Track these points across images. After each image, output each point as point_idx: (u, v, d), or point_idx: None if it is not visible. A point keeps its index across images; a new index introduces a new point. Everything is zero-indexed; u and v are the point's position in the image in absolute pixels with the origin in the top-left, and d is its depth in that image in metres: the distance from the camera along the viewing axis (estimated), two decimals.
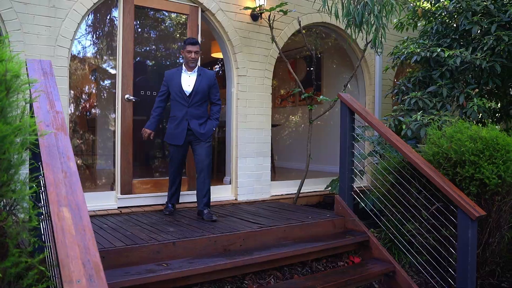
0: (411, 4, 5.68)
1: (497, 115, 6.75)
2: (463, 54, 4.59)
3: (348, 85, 7.30)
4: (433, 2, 5.45)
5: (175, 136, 4.42)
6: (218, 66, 9.73)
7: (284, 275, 3.84)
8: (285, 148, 9.11)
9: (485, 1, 4.78)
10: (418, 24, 5.97)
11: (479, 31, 4.90)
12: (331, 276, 3.82)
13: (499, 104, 6.58)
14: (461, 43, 5.08)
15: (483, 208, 3.88)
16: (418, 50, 4.92)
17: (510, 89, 6.71)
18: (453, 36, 5.14)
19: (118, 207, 4.75)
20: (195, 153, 4.45)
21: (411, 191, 4.23)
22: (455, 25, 5.18)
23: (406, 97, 4.93)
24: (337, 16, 4.67)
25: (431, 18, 5.63)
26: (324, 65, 8.36)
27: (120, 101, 4.81)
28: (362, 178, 5.01)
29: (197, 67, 4.46)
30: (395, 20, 6.07)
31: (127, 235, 3.60)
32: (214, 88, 4.49)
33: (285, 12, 5.32)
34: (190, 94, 4.37)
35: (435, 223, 4.07)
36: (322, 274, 3.89)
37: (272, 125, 8.14)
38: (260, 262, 3.58)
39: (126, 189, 4.84)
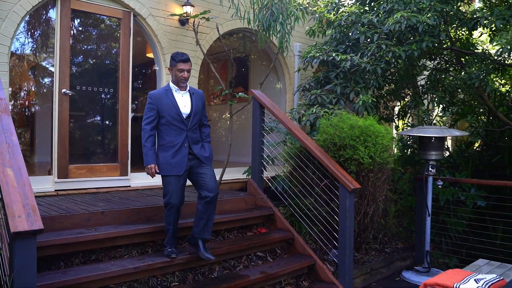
0: (317, 15, 6.60)
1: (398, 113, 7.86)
2: (353, 58, 5.55)
3: (280, 84, 8.16)
4: (334, 13, 6.40)
5: (174, 165, 3.83)
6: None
7: None
8: (217, 143, 9.84)
9: (370, 16, 5.78)
10: (328, 32, 6.90)
11: (368, 40, 5.88)
12: (237, 242, 4.62)
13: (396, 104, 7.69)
14: (353, 49, 6.06)
15: (361, 183, 4.81)
16: (318, 54, 5.85)
17: (407, 90, 7.86)
18: (348, 43, 6.13)
19: (55, 190, 5.30)
20: (200, 175, 3.91)
21: (307, 172, 5.11)
22: (350, 33, 6.15)
23: (308, 94, 5.84)
24: (249, 22, 5.47)
25: (337, 27, 6.55)
26: (251, 66, 9.18)
27: (57, 95, 5.35)
28: (273, 165, 5.82)
29: (188, 86, 4.04)
30: (307, 28, 6.98)
31: (62, 208, 4.21)
32: (204, 109, 4.13)
33: (207, 19, 6.06)
34: (189, 115, 3.92)
35: (325, 198, 4.97)
36: (229, 240, 4.69)
37: None
38: (177, 229, 4.29)
39: (63, 174, 5.39)
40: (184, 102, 3.93)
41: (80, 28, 5.78)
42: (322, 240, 5.04)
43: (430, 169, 5.35)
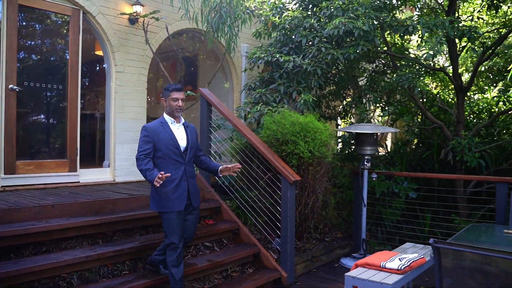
0: (263, 18, 6.94)
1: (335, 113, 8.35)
2: (295, 60, 5.93)
3: (227, 83, 8.42)
4: (278, 17, 6.76)
5: (175, 201, 3.71)
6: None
7: (148, 232, 4.76)
8: None
9: (312, 20, 6.19)
10: (273, 35, 7.24)
11: (310, 42, 6.28)
12: None
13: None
14: (296, 51, 6.45)
15: (301, 176, 5.16)
16: (263, 55, 6.19)
17: (348, 91, 8.37)
18: (291, 45, 6.51)
19: (2, 186, 5.29)
20: (185, 221, 3.89)
21: (252, 166, 5.41)
22: (293, 36, 6.54)
23: (253, 93, 6.17)
24: (197, 23, 5.70)
25: (282, 30, 6.90)
26: (200, 66, 9.40)
27: (4, 91, 5.34)
28: (220, 160, 6.07)
29: (182, 118, 4.00)
30: (253, 30, 7.30)
31: (11, 202, 4.27)
32: (197, 142, 4.16)
33: (157, 19, 6.24)
34: (186, 149, 3.85)
35: (269, 190, 5.29)
36: None
37: (153, 118, 9.00)
38: (126, 220, 4.47)
39: (10, 170, 5.39)
40: (180, 135, 3.87)
41: (28, 24, 5.79)
42: (266, 230, 5.36)
43: (365, 163, 5.80)
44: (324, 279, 5.12)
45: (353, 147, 8.02)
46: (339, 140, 7.80)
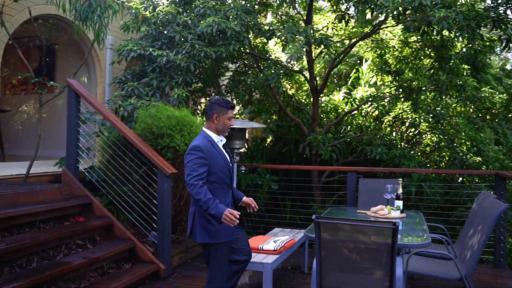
0: (133, 11, 6.82)
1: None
2: (168, 55, 5.99)
3: (85, 78, 8.00)
4: (150, 11, 6.73)
5: (230, 228, 3.21)
6: None
7: (12, 234, 4.37)
8: (18, 136, 9.10)
9: (185, 17, 6.32)
10: (142, 28, 7.14)
11: (183, 39, 6.37)
12: (56, 231, 4.57)
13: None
14: (168, 46, 6.51)
15: (177, 169, 5.25)
16: (135, 48, 6.11)
17: (212, 89, 8.68)
18: (163, 40, 6.55)
19: None
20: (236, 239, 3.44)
21: (126, 160, 5.33)
22: (165, 32, 6.58)
23: (125, 86, 6.05)
24: (64, 10, 5.38)
25: (153, 24, 6.85)
26: (58, 56, 8.78)
27: None
28: (88, 154, 5.81)
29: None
30: (121, 22, 7.11)
31: None
32: None
33: (15, 0, 5.70)
34: (232, 170, 3.45)
35: (144, 184, 5.27)
36: (46, 230, 4.59)
37: (2, 111, 8.17)
38: None
39: None
40: (226, 155, 3.40)
41: None
42: (142, 224, 5.32)
43: (235, 156, 6.12)
44: (200, 268, 5.28)
45: None
46: None
